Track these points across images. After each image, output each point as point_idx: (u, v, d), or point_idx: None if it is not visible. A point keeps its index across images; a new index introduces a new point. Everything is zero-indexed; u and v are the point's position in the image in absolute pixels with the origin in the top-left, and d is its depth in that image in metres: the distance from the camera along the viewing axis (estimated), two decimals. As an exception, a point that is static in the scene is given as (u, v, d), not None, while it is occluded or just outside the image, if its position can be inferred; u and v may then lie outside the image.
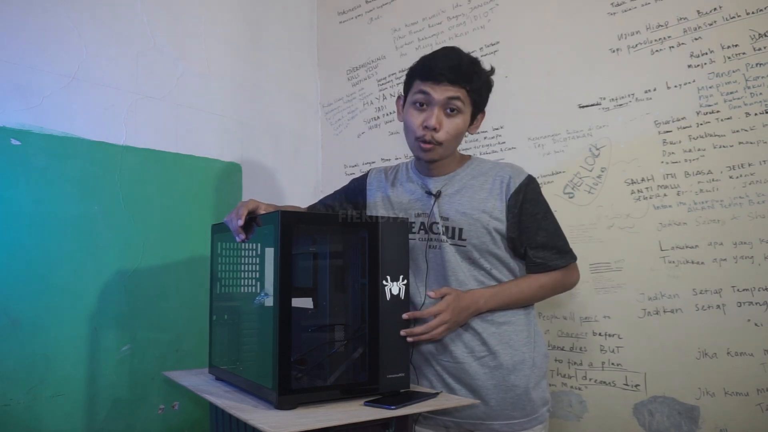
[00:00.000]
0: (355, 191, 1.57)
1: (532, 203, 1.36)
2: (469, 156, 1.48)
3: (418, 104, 1.35)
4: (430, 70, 1.33)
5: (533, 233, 1.36)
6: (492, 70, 1.41)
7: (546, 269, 1.38)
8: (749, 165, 1.50)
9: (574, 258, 1.41)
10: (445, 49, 1.40)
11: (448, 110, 1.33)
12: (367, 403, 1.13)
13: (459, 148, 1.43)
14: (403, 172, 1.51)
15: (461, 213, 1.37)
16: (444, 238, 1.38)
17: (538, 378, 1.37)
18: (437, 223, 1.39)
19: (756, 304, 1.48)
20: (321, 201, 1.64)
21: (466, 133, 1.42)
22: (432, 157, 1.37)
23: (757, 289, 1.48)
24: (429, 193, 1.42)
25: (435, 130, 1.32)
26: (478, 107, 1.39)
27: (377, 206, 1.50)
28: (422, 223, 1.41)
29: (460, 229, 1.37)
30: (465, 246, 1.37)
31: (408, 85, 1.40)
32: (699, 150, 1.58)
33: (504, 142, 1.93)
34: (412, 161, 1.52)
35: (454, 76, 1.31)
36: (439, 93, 1.31)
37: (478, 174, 1.41)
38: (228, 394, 1.23)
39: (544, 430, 1.38)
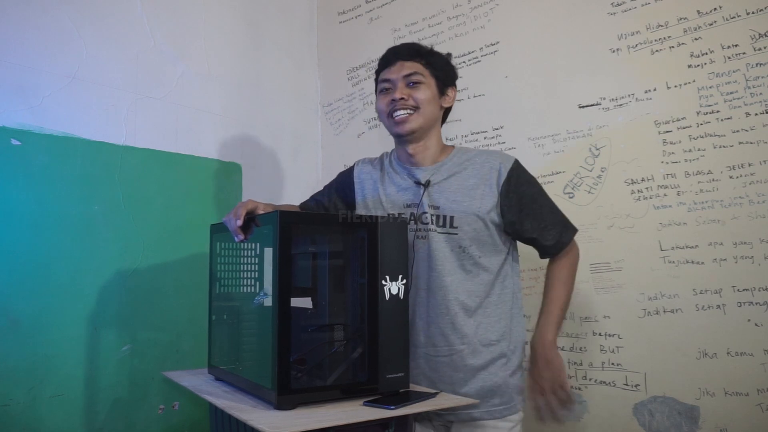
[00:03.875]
0: (343, 186, 1.58)
1: (528, 184, 1.40)
2: (453, 146, 1.49)
3: (383, 90, 1.43)
4: (385, 58, 1.45)
5: (539, 213, 1.39)
6: (449, 55, 1.49)
7: (562, 246, 1.41)
8: (749, 165, 1.50)
9: (574, 234, 1.44)
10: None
11: (410, 84, 1.39)
12: (366, 403, 1.13)
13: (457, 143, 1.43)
14: (387, 164, 1.52)
15: (452, 201, 1.38)
16: (432, 227, 1.38)
17: (515, 367, 1.40)
18: (426, 212, 1.39)
19: (756, 304, 1.47)
20: (312, 198, 1.63)
21: (442, 106, 1.45)
22: (412, 127, 1.39)
23: (757, 289, 1.48)
24: (418, 182, 1.42)
25: (403, 99, 1.38)
26: (442, 80, 1.42)
27: (366, 201, 1.50)
28: (412, 214, 1.41)
29: (451, 217, 1.37)
30: (456, 233, 1.37)
31: (376, 84, 1.49)
32: (699, 150, 1.57)
33: (504, 142, 1.93)
34: (393, 154, 1.52)
35: (407, 53, 1.42)
36: (396, 72, 1.40)
37: (465, 161, 1.42)
38: (227, 394, 1.23)
39: (520, 423, 1.39)
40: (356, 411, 1.09)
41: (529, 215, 1.38)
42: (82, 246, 1.66)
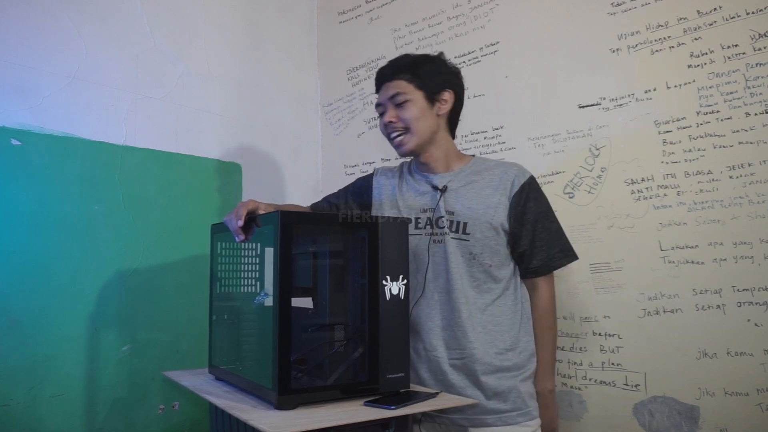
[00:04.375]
0: (361, 190, 1.59)
1: (536, 201, 1.41)
2: (472, 155, 1.51)
3: (380, 114, 1.46)
4: (375, 81, 1.48)
5: (538, 231, 1.41)
6: (440, 54, 1.48)
7: (548, 269, 1.44)
8: (749, 165, 1.50)
9: (575, 256, 1.46)
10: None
11: (396, 105, 1.41)
12: (366, 403, 1.13)
13: (459, 148, 1.44)
14: (406, 172, 1.55)
15: (467, 207, 1.40)
16: (448, 231, 1.39)
17: (527, 374, 1.40)
18: (443, 217, 1.41)
19: (756, 304, 1.47)
20: (325, 199, 1.64)
21: (438, 114, 1.44)
22: (410, 148, 1.42)
23: (757, 289, 1.48)
24: (435, 188, 1.44)
25: (392, 123, 1.41)
26: (429, 88, 1.41)
27: (383, 205, 1.52)
28: (428, 218, 1.43)
29: (465, 224, 1.39)
30: (468, 240, 1.38)
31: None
32: (699, 150, 1.57)
33: (504, 142, 1.93)
34: (414, 162, 1.54)
35: (390, 72, 1.43)
36: (383, 95, 1.44)
37: (483, 170, 1.44)
38: (228, 394, 1.23)
39: (537, 427, 1.39)
40: (356, 411, 1.09)
41: (530, 231, 1.40)
42: (82, 246, 1.66)
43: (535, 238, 1.41)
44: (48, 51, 1.64)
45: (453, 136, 1.52)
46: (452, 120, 1.49)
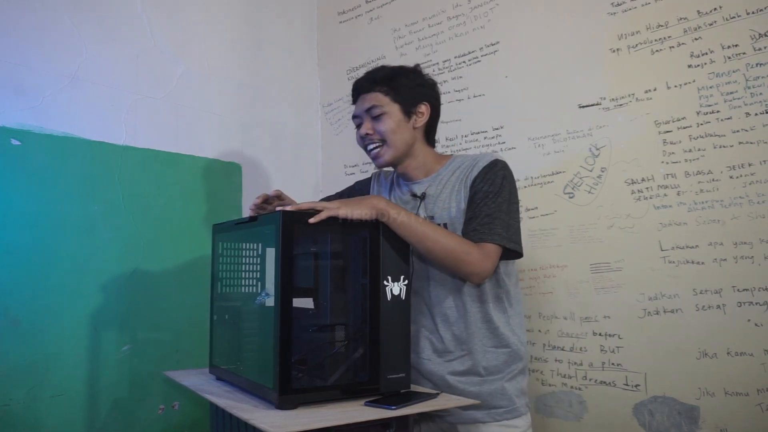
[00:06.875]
0: (359, 193, 1.59)
1: (491, 183, 1.33)
2: (451, 155, 1.48)
3: (357, 126, 1.46)
4: (352, 94, 1.48)
5: (480, 209, 1.31)
6: (417, 66, 1.48)
7: (480, 240, 1.30)
8: (749, 165, 1.50)
9: (495, 240, 1.28)
10: None
11: (373, 117, 1.40)
12: (367, 403, 1.13)
13: (454, 149, 1.43)
14: (394, 178, 1.55)
15: (443, 209, 1.38)
16: None
17: (516, 371, 1.38)
18: None
19: (756, 304, 1.48)
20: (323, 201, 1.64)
21: (414, 127, 1.41)
22: (386, 160, 1.41)
23: (757, 289, 1.48)
24: (415, 195, 1.44)
25: (369, 135, 1.41)
26: (406, 101, 1.40)
27: None
28: None
29: (444, 225, 1.38)
30: None
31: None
32: (699, 150, 1.58)
33: (504, 142, 1.93)
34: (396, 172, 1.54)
35: (366, 85, 1.43)
36: (359, 107, 1.43)
37: (456, 168, 1.41)
38: (228, 394, 1.23)
39: (527, 427, 1.38)
40: (357, 411, 1.09)
41: (471, 209, 1.33)
42: (82, 246, 1.66)
43: (476, 216, 1.31)
44: (48, 51, 1.64)
45: (432, 144, 1.49)
46: (429, 131, 1.47)
